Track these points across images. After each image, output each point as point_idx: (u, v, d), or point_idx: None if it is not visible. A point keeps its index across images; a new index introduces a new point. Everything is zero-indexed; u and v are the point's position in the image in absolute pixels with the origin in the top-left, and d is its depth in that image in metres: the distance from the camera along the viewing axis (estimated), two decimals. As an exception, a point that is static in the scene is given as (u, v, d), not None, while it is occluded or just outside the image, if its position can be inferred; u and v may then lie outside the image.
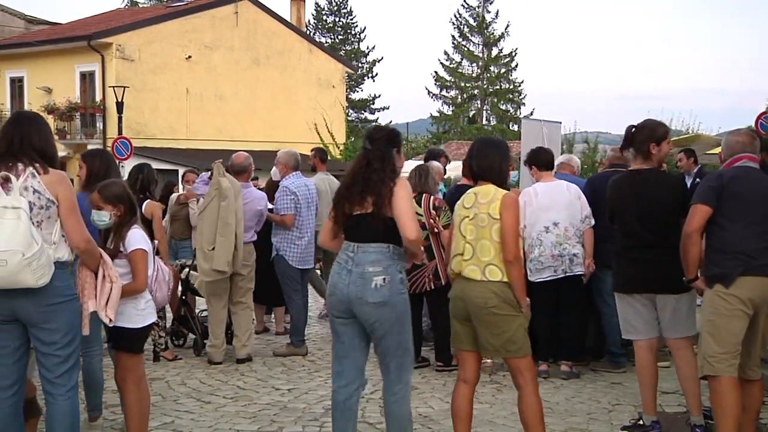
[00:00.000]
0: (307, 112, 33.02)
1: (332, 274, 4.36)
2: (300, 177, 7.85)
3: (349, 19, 53.89)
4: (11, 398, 3.99)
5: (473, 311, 4.42)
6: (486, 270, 4.36)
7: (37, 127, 4.06)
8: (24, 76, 30.96)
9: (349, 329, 4.37)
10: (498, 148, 4.67)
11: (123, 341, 4.63)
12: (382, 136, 4.41)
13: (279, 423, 5.51)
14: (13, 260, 3.68)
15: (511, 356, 4.45)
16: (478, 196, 4.49)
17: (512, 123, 52.27)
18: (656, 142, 5.09)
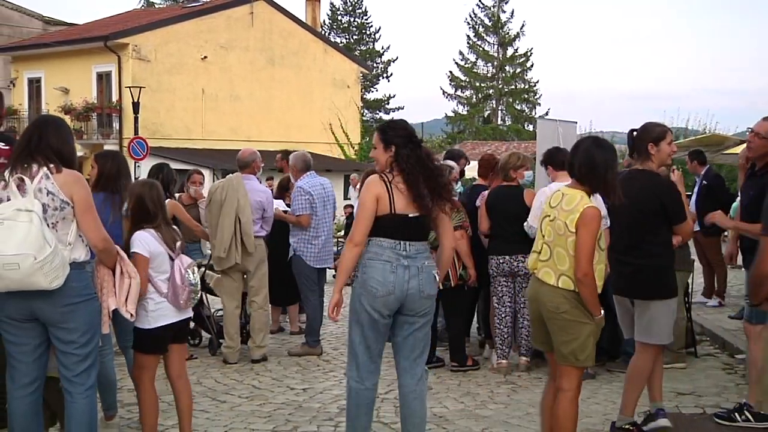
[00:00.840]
0: (322, 112, 33.08)
1: (376, 269, 4.32)
2: (314, 177, 7.88)
3: (364, 19, 53.91)
4: (31, 396, 4.04)
5: (545, 315, 4.35)
6: (560, 279, 4.27)
7: (55, 127, 4.08)
8: (42, 76, 31.20)
9: (388, 327, 4.45)
10: (607, 151, 4.40)
11: (135, 340, 4.71)
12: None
13: (294, 422, 5.52)
14: (25, 263, 3.71)
15: (579, 365, 4.34)
16: (564, 199, 4.32)
17: (527, 123, 52.12)
18: (653, 141, 5.04)
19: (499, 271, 6.95)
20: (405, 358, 4.50)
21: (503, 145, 34.98)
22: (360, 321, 4.43)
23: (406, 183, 4.32)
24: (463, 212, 7.09)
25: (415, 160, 4.36)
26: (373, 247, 4.36)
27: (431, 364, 7.12)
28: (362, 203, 4.39)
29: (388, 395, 6.25)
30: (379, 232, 4.35)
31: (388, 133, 4.45)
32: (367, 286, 4.34)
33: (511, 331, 7.03)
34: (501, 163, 7.24)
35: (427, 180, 4.34)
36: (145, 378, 4.73)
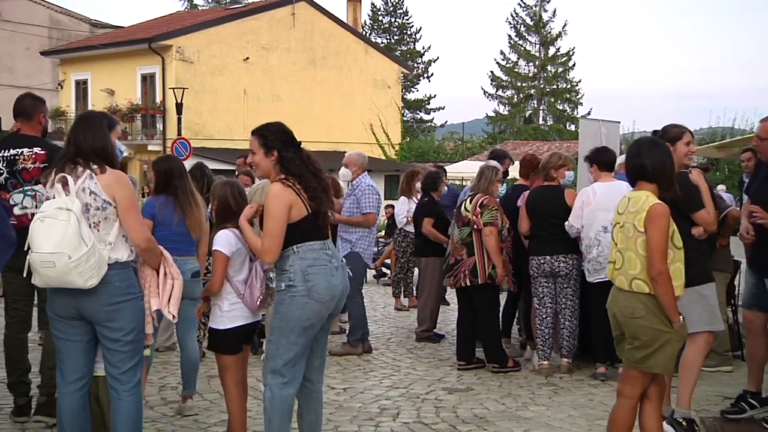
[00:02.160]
0: (363, 112, 33.15)
1: (321, 276, 4.16)
2: (368, 177, 7.98)
3: (405, 19, 53.90)
4: (79, 391, 4.11)
5: (621, 321, 4.26)
6: (632, 283, 4.18)
7: (91, 124, 4.11)
8: (88, 78, 31.73)
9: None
10: (666, 148, 4.40)
11: (212, 341, 4.70)
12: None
13: (335, 422, 5.53)
14: (60, 262, 3.77)
15: (646, 370, 4.21)
16: (630, 202, 4.27)
17: (569, 123, 51.67)
18: (669, 142, 5.02)
19: (540, 271, 6.90)
20: (319, 356, 4.46)
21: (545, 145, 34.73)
22: (296, 329, 4.18)
23: (302, 185, 4.20)
24: (497, 211, 7.05)
25: (300, 162, 4.27)
26: (308, 254, 4.18)
27: (472, 365, 7.12)
28: (275, 216, 4.13)
29: (429, 396, 6.24)
30: (306, 237, 4.20)
31: (268, 138, 4.30)
32: (314, 294, 4.15)
33: (553, 333, 6.98)
34: (542, 162, 7.20)
35: (317, 180, 4.28)
36: (227, 379, 4.71)
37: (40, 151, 5.23)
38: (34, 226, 3.88)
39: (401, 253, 10.53)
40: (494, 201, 7.17)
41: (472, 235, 7.06)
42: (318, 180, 4.28)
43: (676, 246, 4.20)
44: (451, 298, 10.42)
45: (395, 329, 9.27)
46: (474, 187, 7.35)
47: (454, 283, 7.18)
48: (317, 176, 4.29)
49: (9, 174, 5.17)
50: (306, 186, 4.22)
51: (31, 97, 5.48)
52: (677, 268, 4.20)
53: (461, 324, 7.31)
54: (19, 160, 5.19)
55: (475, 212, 7.04)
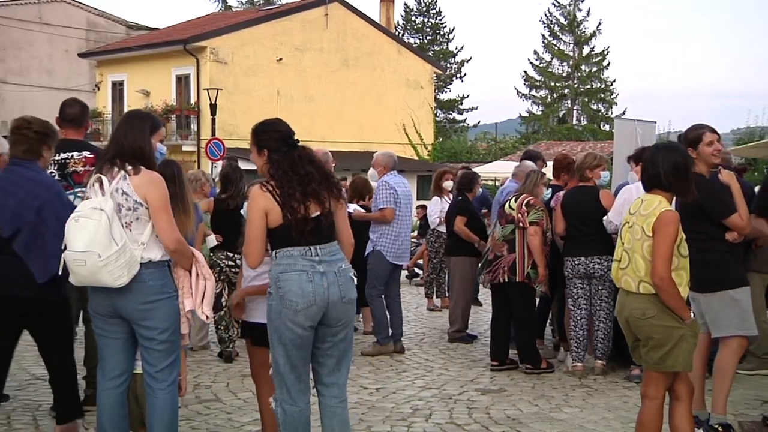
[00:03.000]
0: (395, 112, 33.15)
1: (293, 282, 3.97)
2: (397, 176, 7.97)
3: (438, 19, 53.80)
4: (118, 388, 4.15)
5: (633, 323, 4.25)
6: (640, 285, 4.18)
7: (135, 125, 4.15)
8: (124, 79, 32.12)
9: (311, 340, 4.11)
10: (681, 151, 4.37)
11: (258, 336, 4.55)
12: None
13: (367, 422, 5.54)
14: (90, 260, 3.83)
15: (666, 370, 4.20)
16: (643, 204, 4.27)
17: (603, 123, 51.24)
18: (691, 146, 5.09)
19: (575, 272, 6.84)
20: (329, 371, 4.17)
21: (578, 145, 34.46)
22: (282, 340, 4.02)
23: (279, 190, 4.00)
24: (543, 212, 7.04)
25: (288, 164, 4.07)
26: (283, 260, 4.02)
27: (505, 366, 7.08)
28: (250, 220, 4.04)
29: (461, 396, 6.23)
30: (283, 243, 4.03)
31: (260, 136, 4.18)
32: (286, 301, 3.97)
33: (587, 334, 6.92)
34: (577, 163, 7.15)
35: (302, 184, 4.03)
36: (264, 375, 4.63)
37: (89, 154, 5.44)
38: (69, 224, 3.95)
39: (434, 253, 10.51)
40: (540, 203, 7.16)
41: (515, 232, 7.04)
42: (304, 184, 4.03)
43: (682, 254, 4.19)
44: (483, 299, 10.39)
45: (428, 330, 9.26)
46: (519, 189, 7.35)
47: (492, 279, 7.15)
48: (305, 180, 4.04)
49: (60, 177, 5.35)
50: (282, 191, 4.01)
51: (80, 104, 5.67)
52: (681, 275, 4.19)
53: (495, 324, 7.28)
54: (69, 164, 5.39)
55: (520, 210, 7.02)
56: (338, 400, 4.18)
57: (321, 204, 4.06)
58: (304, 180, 4.05)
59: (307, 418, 4.15)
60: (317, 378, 4.20)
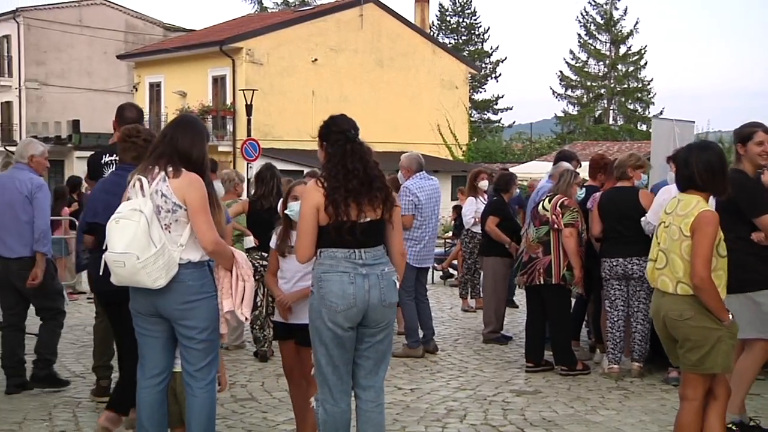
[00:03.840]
0: (430, 113, 33.10)
1: (334, 282, 3.99)
2: (423, 178, 7.89)
3: (473, 19, 53.60)
4: (158, 386, 4.20)
5: (670, 325, 4.21)
6: (678, 286, 4.14)
7: (185, 129, 4.18)
8: (161, 81, 32.48)
9: (353, 341, 4.11)
10: (715, 150, 4.32)
11: (306, 337, 4.52)
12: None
13: (402, 422, 5.54)
14: (129, 262, 3.88)
15: (706, 372, 4.16)
16: (679, 204, 4.23)
17: (640, 123, 50.67)
18: (741, 143, 5.03)
19: (612, 273, 6.78)
20: (367, 372, 4.16)
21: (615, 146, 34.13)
22: (323, 340, 4.05)
23: (329, 186, 4.01)
24: (578, 213, 6.99)
25: (340, 157, 4.08)
26: (326, 260, 4.04)
27: (540, 367, 7.04)
28: (302, 214, 4.08)
29: (496, 397, 6.20)
30: (330, 243, 4.03)
31: (322, 129, 4.23)
32: (326, 302, 3.99)
33: (624, 336, 6.85)
34: (619, 161, 7.08)
35: (356, 180, 4.02)
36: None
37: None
38: (110, 225, 4.01)
39: (468, 254, 10.48)
40: (575, 203, 7.11)
41: (549, 234, 7.00)
42: (348, 180, 4.02)
43: (720, 254, 4.14)
44: (519, 300, 10.34)
45: (462, 330, 9.24)
46: (553, 189, 7.30)
47: (527, 281, 7.12)
48: (349, 175, 4.03)
49: None
50: (329, 185, 4.02)
51: (137, 108, 5.95)
52: (720, 276, 4.14)
53: (530, 325, 7.24)
54: None
55: (555, 212, 6.97)
56: (374, 404, 4.17)
57: (362, 208, 4.04)
58: (348, 176, 4.05)
59: (347, 419, 4.15)
60: (354, 379, 4.20)
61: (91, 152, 6.40)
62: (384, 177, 4.25)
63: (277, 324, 4.81)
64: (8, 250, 6.09)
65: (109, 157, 5.63)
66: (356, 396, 4.20)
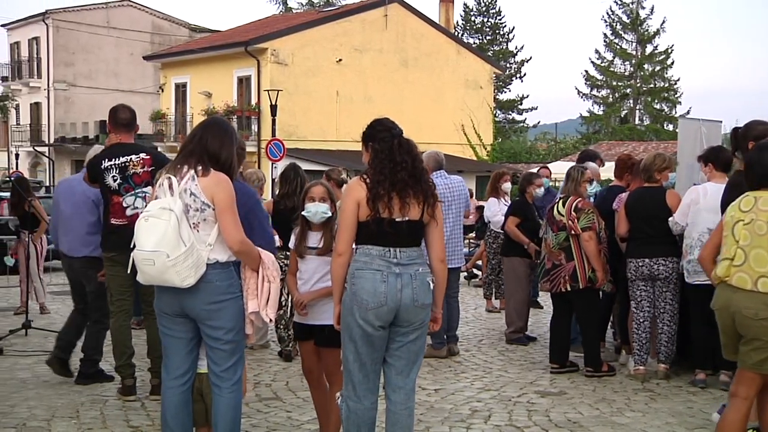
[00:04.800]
0: (454, 113, 33.05)
1: (366, 280, 4.00)
2: (443, 176, 7.82)
3: (498, 19, 53.43)
4: (182, 386, 4.21)
5: (739, 321, 4.17)
6: (758, 281, 4.10)
7: (215, 130, 4.20)
8: (187, 81, 32.70)
9: (383, 340, 4.11)
10: None
11: (329, 337, 4.57)
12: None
13: (426, 423, 5.53)
14: (159, 260, 3.90)
15: (765, 372, 4.13)
16: (758, 201, 4.20)
17: (667, 123, 50.24)
18: (754, 140, 4.94)
19: (638, 274, 6.72)
20: (398, 372, 4.15)
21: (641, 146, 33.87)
22: (353, 337, 4.06)
23: (370, 177, 4.02)
24: (594, 213, 6.92)
25: (387, 151, 4.08)
26: (361, 257, 4.05)
27: (565, 369, 7.00)
28: (342, 210, 4.11)
29: (521, 398, 6.18)
30: (366, 239, 4.05)
31: (365, 132, 4.25)
32: (358, 299, 4.00)
33: (650, 337, 6.79)
34: (644, 163, 7.00)
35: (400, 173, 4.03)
36: (339, 373, 4.66)
37: (145, 156, 5.82)
38: (138, 224, 4.03)
39: (492, 254, 10.45)
40: (588, 203, 7.04)
41: (569, 239, 6.94)
42: (395, 172, 4.04)
43: None
44: (543, 301, 10.29)
45: (486, 331, 9.21)
46: (563, 190, 7.23)
47: (552, 288, 7.06)
48: (397, 167, 4.05)
49: (122, 179, 5.75)
50: (375, 181, 4.04)
51: (129, 109, 6.09)
52: None
53: (555, 327, 7.19)
54: (129, 166, 5.75)
55: (570, 217, 6.91)
56: (404, 406, 4.16)
57: (405, 203, 4.04)
58: (394, 169, 4.06)
59: (371, 417, 4.15)
60: (386, 379, 4.20)
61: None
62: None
63: (297, 324, 4.83)
64: (75, 250, 6.47)
65: (109, 161, 5.77)
66: (387, 396, 4.20)
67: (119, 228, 5.70)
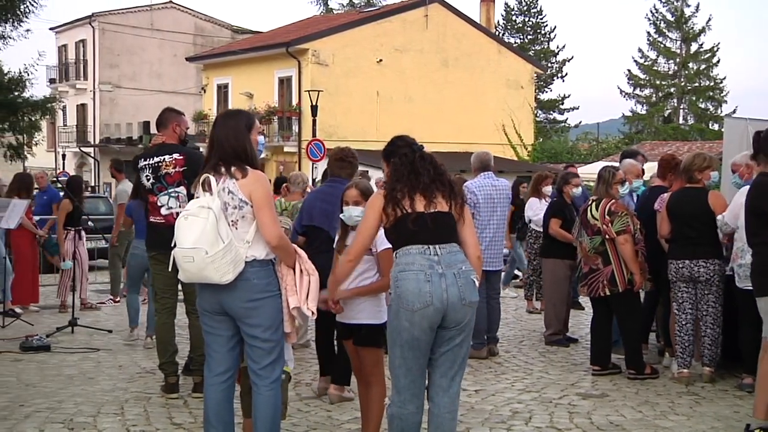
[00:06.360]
0: (495, 113, 32.87)
1: (410, 281, 3.98)
2: (488, 177, 7.78)
3: (539, 18, 53.07)
4: (224, 384, 4.26)
5: None
6: None
7: (230, 125, 4.23)
8: (229, 82, 33.02)
9: (429, 345, 4.08)
10: None
11: (365, 337, 4.70)
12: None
13: (466, 424, 5.52)
14: (198, 257, 3.96)
15: None
16: None
17: (712, 122, 49.43)
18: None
19: (679, 275, 6.62)
20: (442, 375, 4.11)
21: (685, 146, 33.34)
22: (399, 341, 4.04)
23: (390, 187, 4.10)
24: (627, 216, 6.83)
25: (408, 165, 4.16)
26: (402, 259, 4.05)
27: (606, 371, 6.92)
28: (363, 219, 4.26)
29: (562, 400, 6.13)
30: (402, 242, 4.07)
31: (385, 149, 4.40)
32: (403, 301, 3.98)
33: (693, 339, 6.69)
34: (685, 164, 6.89)
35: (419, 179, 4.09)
36: (378, 373, 4.78)
37: (179, 156, 5.89)
38: (179, 222, 4.10)
39: (533, 254, 10.38)
40: (621, 205, 6.95)
41: (604, 243, 6.86)
42: (412, 180, 4.09)
43: None
44: (585, 302, 10.19)
45: (527, 332, 9.15)
46: (595, 192, 7.14)
47: (591, 293, 6.99)
48: (417, 175, 4.11)
49: (155, 179, 5.85)
50: (390, 188, 4.12)
51: (168, 109, 6.26)
52: None
53: (596, 329, 7.12)
54: (161, 166, 5.84)
55: (604, 221, 6.82)
56: (447, 410, 4.14)
57: (431, 200, 4.08)
58: (416, 175, 4.13)
59: (415, 422, 4.14)
60: (430, 383, 4.18)
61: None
62: (454, 180, 4.31)
63: (339, 324, 4.89)
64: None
65: (144, 161, 5.92)
66: (430, 399, 4.18)
67: (158, 226, 5.84)
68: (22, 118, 17.03)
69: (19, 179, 10.16)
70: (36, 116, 17.47)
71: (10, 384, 6.46)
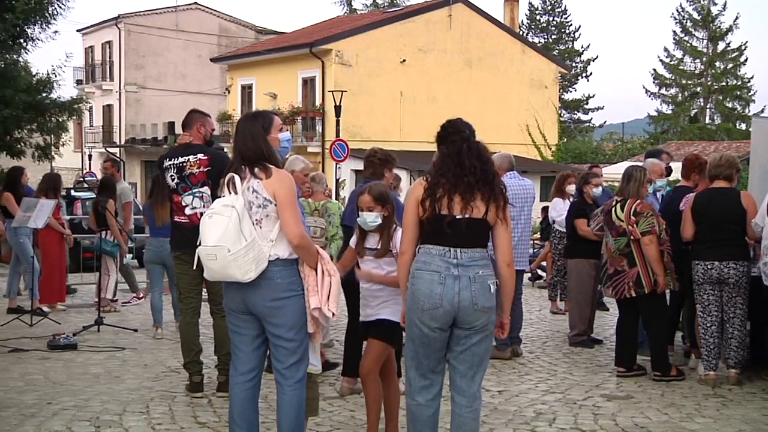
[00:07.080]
0: (519, 113, 32.78)
1: (423, 281, 4.01)
2: (513, 177, 7.77)
3: (564, 18, 52.84)
4: (249, 383, 4.28)
5: None
6: None
7: (247, 129, 4.25)
8: (253, 83, 33.18)
9: (442, 342, 4.12)
10: None
11: (383, 332, 4.79)
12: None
13: (490, 425, 5.50)
14: (220, 255, 3.98)
15: None
16: None
17: (740, 122, 48.93)
18: None
19: (706, 277, 6.55)
20: (461, 375, 4.14)
21: (711, 145, 33.03)
22: (412, 336, 4.11)
23: (431, 177, 4.05)
24: (653, 216, 6.76)
25: (455, 155, 4.07)
26: (421, 256, 4.05)
27: (632, 372, 6.88)
28: (405, 211, 4.18)
29: (586, 402, 6.09)
30: (426, 239, 4.06)
31: (440, 133, 4.30)
32: (415, 299, 4.03)
33: (719, 341, 6.62)
34: (711, 165, 6.81)
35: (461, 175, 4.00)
36: (389, 370, 4.88)
37: (203, 156, 5.94)
38: (203, 221, 4.15)
39: (558, 255, 10.33)
40: (647, 206, 6.88)
41: (630, 245, 6.81)
42: (457, 176, 4.02)
43: None
44: (610, 302, 10.12)
45: (551, 333, 9.11)
46: (623, 191, 7.00)
47: (616, 294, 6.94)
48: (463, 171, 4.03)
49: (179, 179, 5.90)
50: (433, 182, 4.06)
51: (194, 111, 6.32)
52: None
53: (621, 330, 7.07)
54: (186, 167, 5.89)
55: (629, 221, 6.77)
56: (468, 409, 4.15)
57: (468, 202, 4.02)
58: (461, 170, 4.04)
59: (426, 414, 4.17)
60: (451, 382, 4.21)
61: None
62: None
63: (362, 323, 4.97)
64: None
65: (169, 161, 5.98)
66: (451, 399, 4.21)
67: (182, 226, 5.89)
68: (50, 119, 17.20)
69: (47, 179, 10.26)
70: (63, 117, 17.64)
71: (38, 382, 6.54)
